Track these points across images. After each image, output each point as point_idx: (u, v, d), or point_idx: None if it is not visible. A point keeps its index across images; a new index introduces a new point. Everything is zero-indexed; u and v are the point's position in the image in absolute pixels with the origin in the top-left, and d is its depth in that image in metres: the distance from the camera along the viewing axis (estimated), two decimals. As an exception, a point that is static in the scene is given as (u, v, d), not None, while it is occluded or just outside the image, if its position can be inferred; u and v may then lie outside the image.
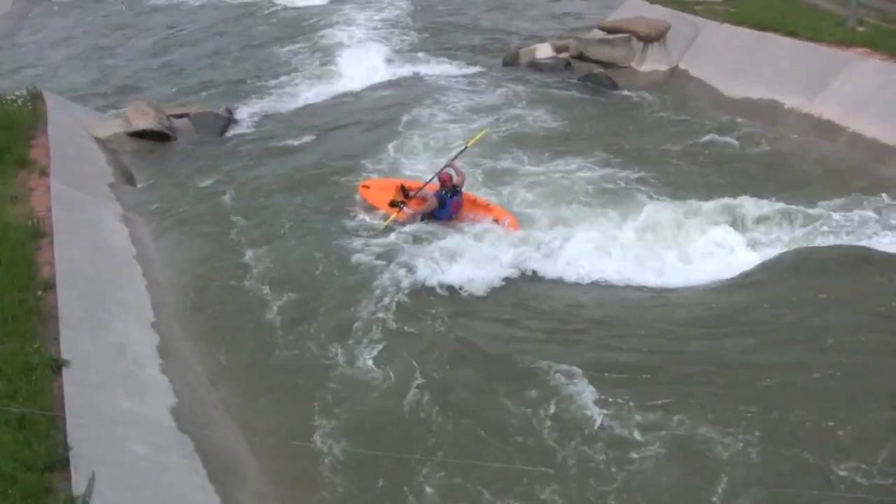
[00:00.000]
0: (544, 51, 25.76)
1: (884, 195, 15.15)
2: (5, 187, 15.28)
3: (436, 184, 15.68)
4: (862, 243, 13.58)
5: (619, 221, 15.07)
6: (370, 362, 11.51)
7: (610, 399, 10.28)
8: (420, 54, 28.40)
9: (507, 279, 13.68)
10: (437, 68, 26.50)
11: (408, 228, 15.12)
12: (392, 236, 14.87)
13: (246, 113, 23.40)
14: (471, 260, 13.88)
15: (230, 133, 21.93)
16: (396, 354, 11.62)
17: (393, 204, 15.86)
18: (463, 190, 15.68)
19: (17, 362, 9.55)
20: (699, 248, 14.17)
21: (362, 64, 27.20)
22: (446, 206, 15.43)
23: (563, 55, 25.20)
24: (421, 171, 17.70)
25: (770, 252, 13.80)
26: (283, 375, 11.52)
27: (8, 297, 11.13)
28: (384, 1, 39.70)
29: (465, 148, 16.48)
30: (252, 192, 17.57)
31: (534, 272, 13.92)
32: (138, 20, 41.84)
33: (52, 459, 8.10)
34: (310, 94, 25.09)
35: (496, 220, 15.26)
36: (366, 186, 16.80)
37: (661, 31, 23.83)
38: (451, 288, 13.35)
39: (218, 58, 31.77)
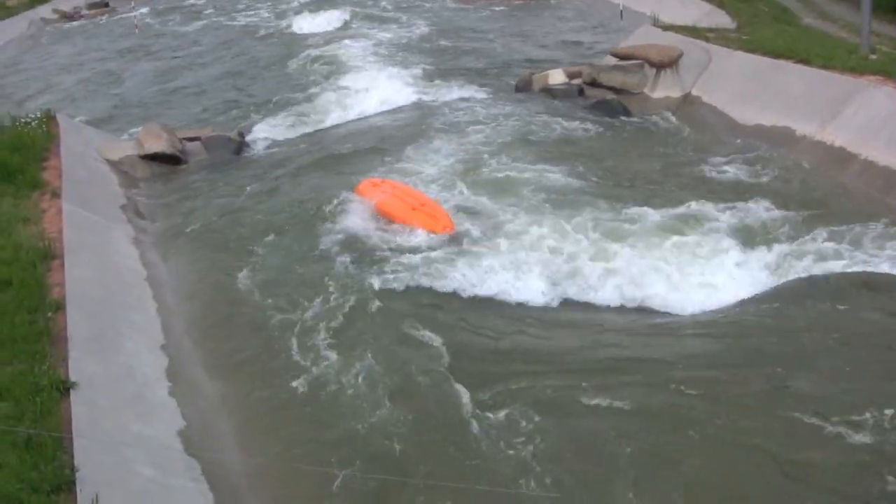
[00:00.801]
0: (557, 77, 25.75)
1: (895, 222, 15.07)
2: (18, 209, 15.35)
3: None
4: (875, 269, 13.48)
5: (631, 245, 15.03)
6: (382, 390, 11.41)
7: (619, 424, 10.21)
8: (433, 79, 28.44)
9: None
10: (450, 93, 26.50)
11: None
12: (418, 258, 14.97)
13: (258, 136, 23.48)
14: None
15: (242, 156, 21.99)
16: (409, 383, 11.53)
17: None
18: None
19: (25, 383, 9.53)
20: (708, 273, 14.12)
21: (375, 89, 27.22)
22: None
23: (576, 81, 25.18)
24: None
25: (780, 278, 13.73)
26: (293, 400, 11.43)
27: (18, 318, 11.15)
28: (395, 26, 39.98)
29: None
30: (264, 217, 17.55)
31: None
32: (151, 43, 42.26)
33: (58, 481, 8.04)
34: (322, 117, 25.18)
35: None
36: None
37: (673, 57, 23.83)
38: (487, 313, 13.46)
39: (230, 81, 32.01)
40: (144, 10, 52.68)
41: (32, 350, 10.41)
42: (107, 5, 56.63)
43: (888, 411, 9.87)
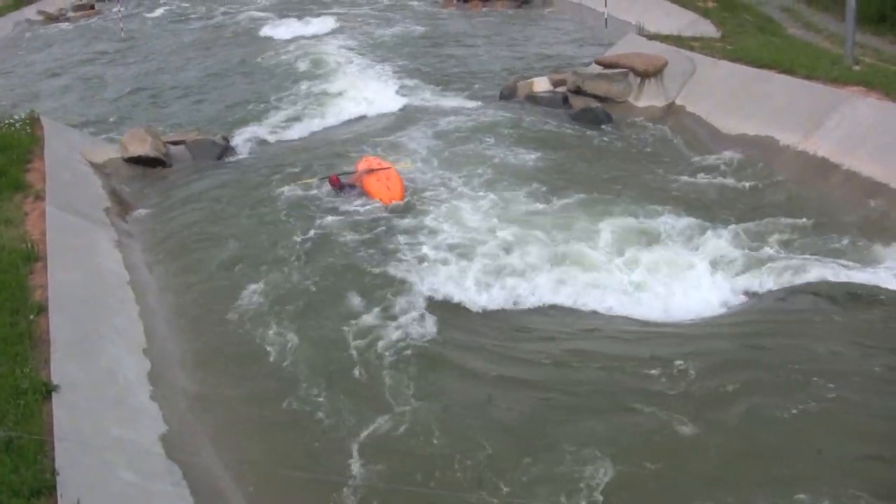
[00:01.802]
0: (542, 84, 25.82)
1: (877, 232, 15.16)
2: (0, 211, 15.29)
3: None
4: (857, 279, 13.56)
5: (612, 254, 15.09)
6: (360, 390, 11.50)
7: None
8: (417, 85, 28.49)
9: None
10: (434, 100, 26.60)
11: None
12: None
13: (243, 140, 23.44)
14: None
15: (227, 160, 21.98)
16: (384, 386, 11.56)
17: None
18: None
19: (6, 386, 9.52)
20: (688, 282, 14.18)
21: (359, 93, 27.34)
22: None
23: (561, 89, 25.23)
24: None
25: (761, 287, 13.84)
26: (274, 404, 11.44)
27: (0, 320, 11.11)
28: (381, 31, 39.99)
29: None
30: (248, 220, 17.59)
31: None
32: (136, 45, 42.10)
33: (38, 485, 8.03)
34: (306, 121, 25.21)
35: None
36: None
37: (658, 66, 23.90)
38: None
39: (216, 84, 31.96)
40: (130, 12, 52.50)
41: (14, 352, 10.38)
42: (92, 7, 56.35)
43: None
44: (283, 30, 41.78)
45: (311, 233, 16.61)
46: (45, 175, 17.45)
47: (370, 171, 18.73)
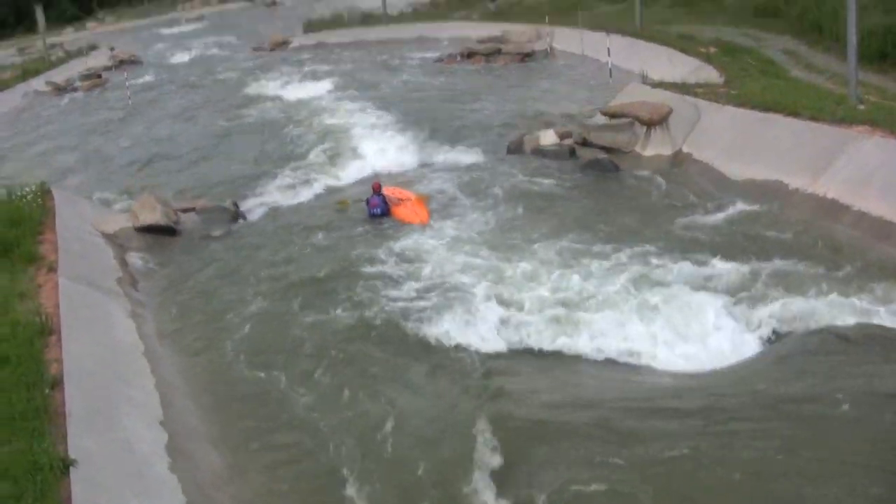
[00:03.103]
0: (548, 137, 25.86)
1: (891, 272, 15.09)
2: (14, 284, 15.36)
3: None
4: (874, 321, 13.47)
5: (625, 301, 15.06)
6: (381, 464, 11.38)
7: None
8: (425, 141, 28.56)
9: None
10: (442, 155, 26.66)
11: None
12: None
13: (253, 206, 23.49)
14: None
15: (237, 227, 22.02)
16: (406, 450, 11.50)
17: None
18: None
19: (24, 462, 9.47)
20: (701, 328, 14.10)
21: (365, 153, 27.47)
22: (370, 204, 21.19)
23: (567, 141, 25.29)
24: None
25: (775, 332, 13.81)
26: (294, 476, 11.39)
27: (16, 395, 11.12)
28: (385, 88, 40.29)
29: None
30: (261, 288, 17.56)
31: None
32: (144, 112, 42.53)
33: (59, 563, 7.99)
34: (315, 183, 25.22)
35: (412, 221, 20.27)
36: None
37: (663, 114, 23.96)
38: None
39: (225, 147, 32.27)
40: (135, 79, 53.07)
41: (31, 427, 10.35)
42: (99, 76, 57.05)
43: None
44: (289, 90, 42.20)
45: (328, 301, 16.52)
46: (57, 246, 17.53)
47: (399, 200, 21.18)
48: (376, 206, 21.07)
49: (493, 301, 15.53)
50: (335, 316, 15.82)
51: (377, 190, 21.34)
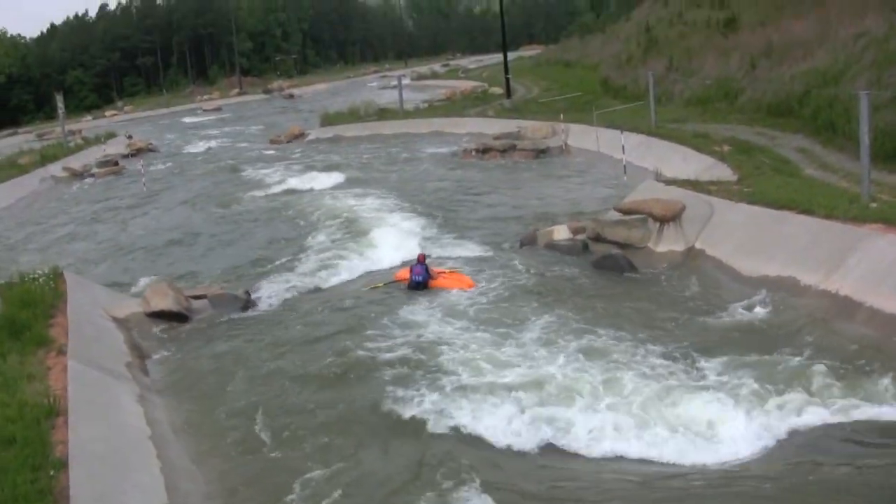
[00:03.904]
0: (561, 232, 25.97)
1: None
2: (23, 366, 15.33)
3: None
4: (888, 419, 13.34)
5: (637, 399, 14.90)
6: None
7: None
8: (438, 233, 28.80)
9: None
10: (456, 249, 26.76)
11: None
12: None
13: (265, 294, 23.45)
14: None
15: (249, 315, 21.98)
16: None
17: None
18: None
19: (26, 547, 9.36)
20: (714, 426, 13.93)
21: (380, 245, 27.56)
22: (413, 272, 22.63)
23: (581, 237, 25.37)
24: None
25: (789, 430, 13.62)
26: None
27: (21, 476, 11.00)
28: (397, 182, 40.64)
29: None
30: (271, 377, 17.36)
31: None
32: (158, 199, 42.96)
33: None
34: (328, 273, 25.20)
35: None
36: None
37: (676, 211, 24.04)
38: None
39: (236, 235, 32.43)
40: (153, 168, 53.66)
41: (34, 510, 10.25)
42: (116, 164, 57.76)
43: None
44: (304, 180, 42.63)
45: (340, 391, 16.45)
46: (68, 330, 17.55)
47: (440, 274, 22.84)
48: (419, 275, 22.48)
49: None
50: (351, 408, 15.68)
51: (421, 261, 22.89)
